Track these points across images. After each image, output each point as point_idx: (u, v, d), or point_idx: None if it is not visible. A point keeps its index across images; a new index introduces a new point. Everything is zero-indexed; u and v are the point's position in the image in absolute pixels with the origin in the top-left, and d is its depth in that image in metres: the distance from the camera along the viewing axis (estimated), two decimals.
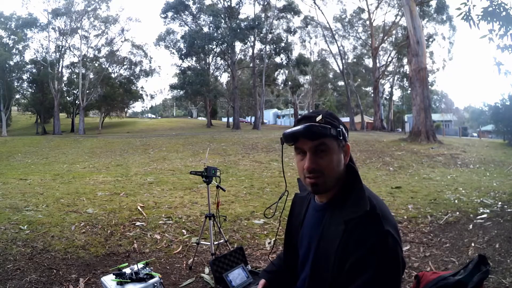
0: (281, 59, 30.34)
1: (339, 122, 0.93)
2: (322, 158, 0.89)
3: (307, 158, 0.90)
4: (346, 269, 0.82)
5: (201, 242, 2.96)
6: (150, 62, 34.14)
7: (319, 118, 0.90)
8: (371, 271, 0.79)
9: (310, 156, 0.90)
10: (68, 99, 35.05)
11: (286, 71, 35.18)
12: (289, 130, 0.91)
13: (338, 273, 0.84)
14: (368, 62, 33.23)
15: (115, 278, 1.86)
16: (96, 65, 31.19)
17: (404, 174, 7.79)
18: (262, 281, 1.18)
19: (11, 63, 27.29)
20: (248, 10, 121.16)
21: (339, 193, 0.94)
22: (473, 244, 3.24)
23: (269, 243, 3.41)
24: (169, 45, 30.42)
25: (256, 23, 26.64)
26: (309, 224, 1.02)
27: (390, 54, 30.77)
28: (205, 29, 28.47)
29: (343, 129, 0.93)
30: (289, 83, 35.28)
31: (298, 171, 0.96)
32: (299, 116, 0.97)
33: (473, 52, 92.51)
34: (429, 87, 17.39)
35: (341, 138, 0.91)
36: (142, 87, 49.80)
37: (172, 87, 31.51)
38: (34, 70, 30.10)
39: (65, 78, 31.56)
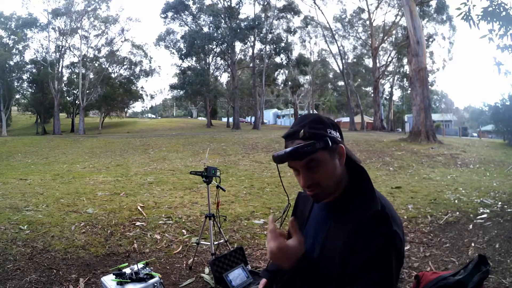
0: (281, 59, 30.38)
1: (326, 127, 0.88)
2: (316, 173, 0.88)
3: (301, 176, 0.89)
4: (351, 268, 0.82)
5: (201, 242, 2.96)
6: (150, 62, 34.08)
7: (301, 134, 0.86)
8: (377, 271, 0.80)
9: (303, 174, 0.89)
10: (68, 99, 35.04)
11: (286, 71, 35.17)
12: (275, 154, 0.89)
13: (343, 272, 0.84)
14: (368, 62, 33.23)
15: (115, 278, 1.86)
16: (96, 65, 31.18)
17: (404, 174, 7.79)
18: (263, 281, 1.18)
19: (11, 63, 27.28)
20: (248, 10, 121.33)
21: (344, 192, 0.93)
22: (473, 244, 3.24)
23: None
24: (169, 45, 30.45)
25: (256, 23, 26.64)
26: (314, 223, 1.01)
27: (390, 54, 30.76)
28: (205, 29, 28.50)
29: (332, 132, 0.89)
30: (289, 83, 35.28)
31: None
32: (284, 133, 0.93)
33: (473, 52, 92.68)
34: (429, 87, 17.40)
35: (331, 145, 0.87)
36: (142, 87, 49.85)
37: (172, 87, 31.50)
38: (34, 70, 30.08)
39: (65, 78, 31.55)
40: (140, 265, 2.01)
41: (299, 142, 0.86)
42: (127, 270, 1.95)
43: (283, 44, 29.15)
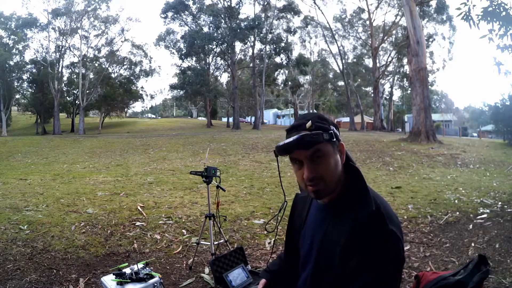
0: (281, 59, 30.34)
1: (329, 123, 0.92)
2: (320, 164, 0.88)
3: (305, 168, 0.88)
4: (350, 268, 0.82)
5: (201, 242, 2.96)
6: (150, 62, 34.13)
7: (308, 124, 0.88)
8: (374, 271, 0.80)
9: (307, 165, 0.88)
10: (68, 99, 35.06)
11: (286, 71, 35.20)
12: (281, 144, 0.89)
13: (341, 272, 0.84)
14: (368, 62, 33.23)
15: (115, 278, 1.86)
16: (96, 65, 31.19)
17: (404, 174, 7.79)
18: (263, 281, 1.18)
19: (11, 63, 27.29)
20: (248, 10, 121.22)
21: (341, 192, 0.93)
22: (473, 244, 3.24)
23: (269, 243, 3.41)
24: (169, 45, 30.46)
25: (256, 23, 26.62)
26: (312, 224, 1.02)
27: (390, 54, 30.76)
28: (205, 29, 28.48)
29: (335, 129, 0.91)
30: (289, 83, 35.29)
31: (297, 180, 0.95)
32: (289, 126, 0.95)
33: (473, 52, 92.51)
34: (429, 87, 17.40)
35: (334, 139, 0.90)
36: (142, 87, 49.76)
37: (172, 87, 31.50)
38: (34, 70, 30.09)
39: (65, 78, 31.57)
40: (140, 265, 2.00)
41: (305, 133, 0.87)
42: (127, 270, 1.94)
43: (283, 44, 29.12)
